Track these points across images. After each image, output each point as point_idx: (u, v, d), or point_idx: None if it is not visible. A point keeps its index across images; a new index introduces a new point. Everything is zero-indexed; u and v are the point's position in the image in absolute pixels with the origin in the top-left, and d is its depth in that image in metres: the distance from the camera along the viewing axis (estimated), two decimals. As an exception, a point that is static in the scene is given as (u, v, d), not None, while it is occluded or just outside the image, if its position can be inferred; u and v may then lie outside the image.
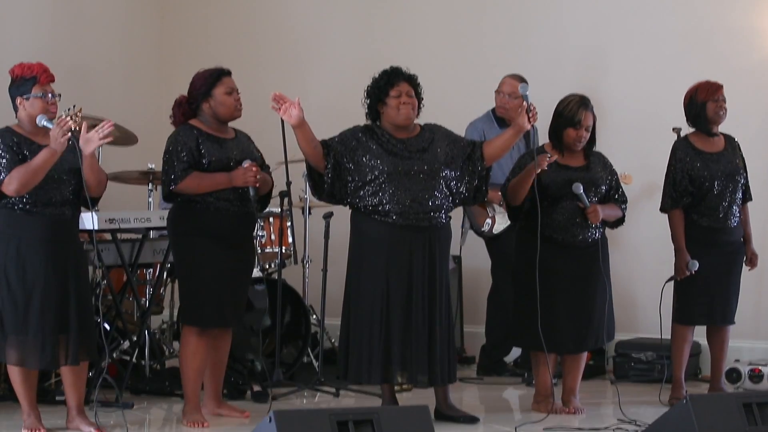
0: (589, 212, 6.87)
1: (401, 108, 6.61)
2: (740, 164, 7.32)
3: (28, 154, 6.14)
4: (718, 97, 7.21)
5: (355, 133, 6.68)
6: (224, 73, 6.69)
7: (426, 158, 6.60)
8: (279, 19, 9.86)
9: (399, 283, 6.53)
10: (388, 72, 6.70)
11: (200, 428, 6.52)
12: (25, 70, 6.24)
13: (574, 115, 6.92)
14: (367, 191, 6.57)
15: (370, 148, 6.59)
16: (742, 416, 5.70)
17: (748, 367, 7.94)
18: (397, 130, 6.67)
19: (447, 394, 6.75)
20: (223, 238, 6.55)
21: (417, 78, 6.72)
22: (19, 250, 6.17)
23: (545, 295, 6.86)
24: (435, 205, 6.57)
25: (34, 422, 6.30)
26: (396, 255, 6.54)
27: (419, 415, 5.45)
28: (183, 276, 6.70)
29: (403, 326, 6.51)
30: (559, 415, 6.92)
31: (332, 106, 9.44)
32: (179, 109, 6.72)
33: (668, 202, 7.25)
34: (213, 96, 6.61)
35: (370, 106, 6.73)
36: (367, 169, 6.56)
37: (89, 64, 9.37)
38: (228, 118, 6.67)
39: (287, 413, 5.25)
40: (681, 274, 7.20)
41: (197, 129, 6.61)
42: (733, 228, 7.27)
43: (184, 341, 6.66)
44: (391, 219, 6.53)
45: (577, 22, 8.92)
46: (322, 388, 7.66)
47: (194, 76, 6.72)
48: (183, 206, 6.59)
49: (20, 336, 6.18)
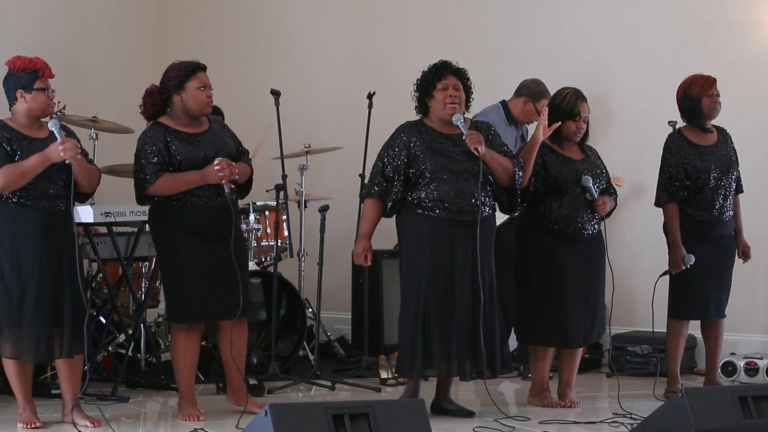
0: (598, 204, 6.87)
1: (447, 102, 6.56)
2: (733, 156, 7.32)
3: (18, 150, 6.12)
4: (712, 92, 7.20)
5: (399, 142, 6.54)
6: (199, 67, 6.59)
7: (472, 159, 6.51)
8: (275, 13, 9.85)
9: (441, 276, 6.51)
10: (436, 65, 6.65)
11: (196, 421, 6.51)
12: (27, 63, 6.21)
13: (573, 107, 6.92)
14: (415, 187, 6.52)
15: (415, 149, 6.52)
16: (737, 409, 5.70)
17: (744, 360, 7.95)
18: (444, 125, 6.62)
19: (448, 388, 6.75)
20: (203, 233, 6.49)
21: (466, 72, 6.66)
22: (13, 243, 6.16)
23: (552, 289, 6.86)
24: (477, 202, 6.51)
25: (30, 416, 6.29)
26: (439, 249, 6.51)
27: (415, 409, 5.44)
28: (166, 273, 6.66)
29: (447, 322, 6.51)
30: (555, 408, 6.92)
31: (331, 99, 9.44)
32: (149, 99, 6.61)
33: (664, 196, 7.24)
34: (185, 89, 6.52)
35: (418, 99, 6.67)
36: (414, 169, 6.51)
37: (84, 57, 9.36)
38: (197, 114, 6.55)
39: (283, 407, 5.25)
40: (676, 268, 7.19)
41: (165, 127, 6.53)
42: (727, 221, 7.27)
43: (173, 338, 6.63)
44: (435, 213, 6.50)
45: (574, 17, 8.91)
46: (318, 381, 7.66)
47: (168, 66, 6.63)
48: (161, 204, 6.55)
49: (15, 329, 6.17)
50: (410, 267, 6.56)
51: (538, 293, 6.91)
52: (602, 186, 6.98)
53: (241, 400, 6.66)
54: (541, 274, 6.89)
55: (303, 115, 9.29)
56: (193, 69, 6.57)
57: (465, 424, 6.48)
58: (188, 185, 6.47)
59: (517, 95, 8.25)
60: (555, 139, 6.97)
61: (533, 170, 6.82)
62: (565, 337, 6.93)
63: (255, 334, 7.99)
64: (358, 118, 8.33)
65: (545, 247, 6.89)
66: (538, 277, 6.91)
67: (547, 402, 6.99)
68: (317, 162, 8.91)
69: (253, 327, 7.93)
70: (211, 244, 6.51)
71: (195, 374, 6.70)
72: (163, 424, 6.80)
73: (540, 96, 8.15)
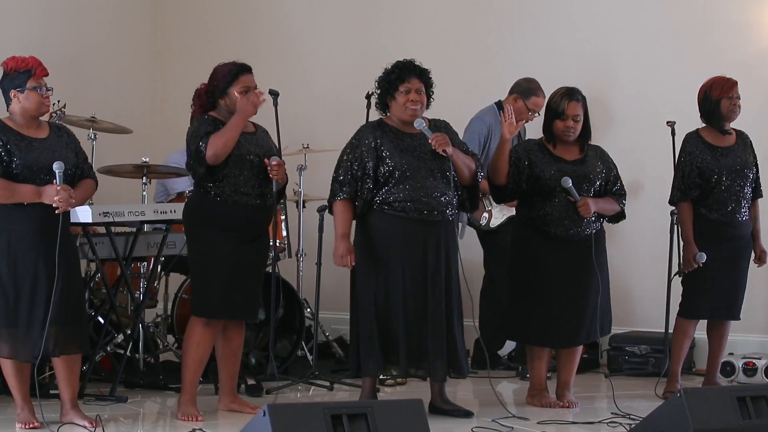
0: (580, 205, 6.85)
1: (409, 106, 6.56)
2: (751, 160, 7.31)
3: (16, 151, 6.13)
4: (732, 94, 7.21)
5: (364, 143, 6.56)
6: (243, 70, 6.59)
7: (439, 158, 6.53)
8: (274, 13, 9.85)
9: (412, 276, 6.52)
10: (400, 66, 6.63)
11: (194, 422, 6.51)
12: (19, 63, 6.22)
13: (558, 106, 6.93)
14: (385, 187, 6.52)
15: (383, 148, 6.53)
16: (736, 410, 5.70)
17: (742, 360, 7.96)
18: (405, 125, 6.63)
19: (443, 388, 6.75)
20: (239, 231, 6.52)
21: (429, 73, 6.64)
22: (9, 243, 6.16)
23: (539, 289, 6.87)
24: (447, 200, 6.55)
25: (28, 416, 6.30)
26: (409, 248, 6.52)
27: (413, 409, 5.44)
28: (195, 266, 6.66)
29: (420, 320, 6.52)
30: (553, 408, 6.92)
31: (330, 99, 9.44)
32: (198, 100, 6.64)
33: (677, 194, 7.25)
34: (228, 95, 6.53)
35: (380, 96, 6.69)
36: (383, 170, 6.51)
37: (83, 56, 9.36)
38: (246, 115, 6.54)
39: (281, 407, 5.24)
40: (689, 267, 7.20)
41: (215, 119, 6.52)
42: (742, 223, 7.25)
43: (190, 330, 6.64)
44: (405, 213, 6.51)
45: (575, 16, 8.91)
46: (317, 381, 7.66)
47: (215, 68, 6.62)
48: (200, 197, 6.55)
49: (11, 328, 6.17)
50: (374, 265, 6.54)
51: (525, 292, 6.93)
52: (595, 189, 6.96)
53: (233, 403, 6.67)
54: (529, 273, 6.90)
55: (301, 115, 9.28)
56: (236, 73, 6.55)
57: (463, 424, 6.48)
58: (235, 136, 6.40)
59: (509, 94, 8.25)
60: (550, 138, 6.98)
61: (516, 168, 6.85)
62: (549, 336, 6.93)
63: (253, 334, 7.99)
64: (356, 118, 8.30)
65: (534, 247, 6.89)
66: (525, 276, 6.92)
67: (546, 402, 6.99)
68: (315, 162, 8.91)
69: (252, 327, 7.93)
70: (243, 244, 6.53)
71: (202, 372, 6.71)
72: (161, 424, 6.80)
73: (530, 93, 8.15)
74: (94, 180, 6.47)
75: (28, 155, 6.15)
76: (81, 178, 6.36)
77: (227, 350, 6.75)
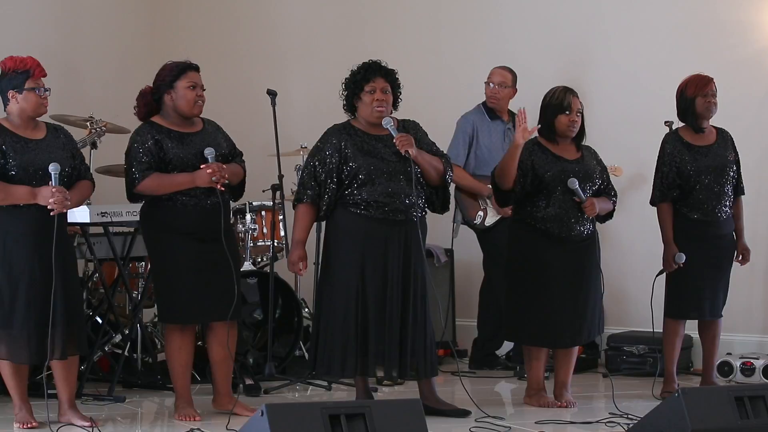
0: (586, 206, 6.86)
1: (375, 106, 6.55)
2: (731, 158, 7.30)
3: (12, 152, 6.13)
4: (707, 92, 7.19)
5: (329, 146, 6.55)
6: (190, 67, 6.58)
7: (403, 159, 6.52)
8: (272, 13, 9.85)
9: (374, 276, 6.51)
10: (365, 66, 6.63)
11: (192, 422, 6.50)
12: (17, 63, 6.21)
13: (563, 100, 6.91)
14: (348, 189, 6.52)
15: (347, 151, 6.52)
16: (733, 410, 5.70)
17: (740, 360, 7.95)
18: (372, 126, 6.62)
19: (433, 388, 6.71)
20: (193, 233, 6.48)
21: (395, 73, 6.63)
22: (5, 245, 6.16)
23: (540, 289, 6.86)
24: (411, 202, 6.54)
25: (26, 416, 6.30)
26: (371, 248, 6.52)
27: (411, 409, 5.44)
28: (157, 274, 6.66)
29: (378, 320, 6.51)
30: (551, 408, 6.92)
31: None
32: (142, 100, 6.62)
33: (657, 194, 7.25)
34: (175, 88, 6.52)
35: (346, 99, 6.67)
36: (347, 171, 6.51)
37: (80, 58, 9.35)
38: (187, 114, 6.53)
39: (279, 407, 5.25)
40: (668, 267, 7.20)
41: (157, 126, 6.52)
42: (724, 221, 7.26)
43: (168, 339, 6.63)
44: (369, 213, 6.49)
45: (568, 15, 8.91)
46: (314, 381, 7.65)
47: (161, 67, 6.64)
48: (152, 204, 6.54)
49: (6, 330, 6.17)
50: (342, 265, 6.53)
51: (524, 292, 6.92)
52: (594, 188, 6.97)
53: (228, 404, 6.65)
54: (528, 273, 6.89)
55: (299, 115, 9.28)
56: (183, 68, 6.56)
57: (461, 423, 6.48)
58: (177, 187, 6.45)
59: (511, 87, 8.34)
60: (550, 136, 6.97)
61: (521, 170, 6.83)
62: (549, 337, 6.93)
63: (251, 334, 7.99)
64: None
65: (533, 247, 6.88)
66: (524, 277, 6.91)
67: (544, 402, 6.99)
68: (314, 162, 8.89)
69: (250, 327, 7.93)
70: (202, 244, 6.49)
71: (190, 374, 6.70)
72: (159, 424, 6.80)
73: (490, 75, 8.24)
74: (91, 181, 6.46)
75: (24, 156, 6.15)
76: (78, 180, 6.36)
77: (219, 353, 6.68)
